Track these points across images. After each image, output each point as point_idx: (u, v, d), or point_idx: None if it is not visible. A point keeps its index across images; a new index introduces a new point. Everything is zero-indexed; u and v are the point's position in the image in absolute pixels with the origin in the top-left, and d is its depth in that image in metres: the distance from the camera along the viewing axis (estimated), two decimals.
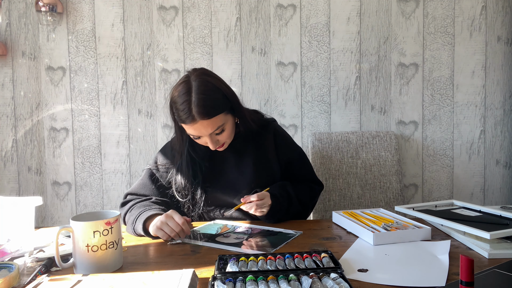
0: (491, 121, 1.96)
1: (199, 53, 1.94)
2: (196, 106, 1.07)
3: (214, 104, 1.10)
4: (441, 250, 0.88)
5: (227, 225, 1.14)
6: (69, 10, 1.93)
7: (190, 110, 1.07)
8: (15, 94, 1.96)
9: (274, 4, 1.92)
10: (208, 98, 1.09)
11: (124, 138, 1.98)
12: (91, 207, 2.00)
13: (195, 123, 1.09)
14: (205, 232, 1.09)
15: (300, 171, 1.33)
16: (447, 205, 1.23)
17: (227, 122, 1.14)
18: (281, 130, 1.35)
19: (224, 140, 1.17)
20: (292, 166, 1.32)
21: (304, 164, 1.34)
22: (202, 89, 1.09)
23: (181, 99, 1.09)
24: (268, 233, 1.06)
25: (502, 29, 1.92)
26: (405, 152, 1.97)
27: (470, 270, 0.56)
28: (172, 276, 0.72)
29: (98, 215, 0.86)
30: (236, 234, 1.06)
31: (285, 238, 1.00)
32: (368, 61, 1.94)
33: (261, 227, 1.11)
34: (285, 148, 1.31)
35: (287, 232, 1.06)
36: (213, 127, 1.10)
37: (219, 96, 1.12)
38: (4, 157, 1.98)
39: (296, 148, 1.35)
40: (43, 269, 0.80)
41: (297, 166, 1.33)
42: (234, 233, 1.06)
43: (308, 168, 1.35)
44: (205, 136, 1.12)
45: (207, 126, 1.09)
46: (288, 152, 1.31)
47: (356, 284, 0.73)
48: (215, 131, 1.12)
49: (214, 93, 1.11)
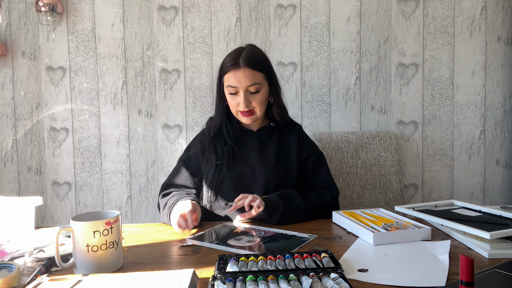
0: (491, 121, 1.96)
1: (199, 53, 1.94)
2: (244, 57, 1.24)
3: (260, 62, 1.26)
4: (441, 250, 0.88)
5: (240, 227, 1.12)
6: (69, 10, 1.93)
7: (238, 58, 1.23)
8: (15, 94, 1.96)
9: (274, 4, 1.92)
10: (257, 56, 1.27)
11: (124, 138, 1.98)
12: (91, 207, 2.00)
13: (239, 70, 1.23)
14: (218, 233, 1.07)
15: (316, 172, 1.34)
16: (447, 205, 1.23)
17: (263, 86, 1.27)
18: (305, 133, 1.43)
19: (255, 104, 1.26)
20: (309, 165, 1.34)
21: (321, 166, 1.35)
22: (253, 50, 1.28)
23: (231, 54, 1.27)
24: (281, 236, 1.04)
25: (502, 29, 1.92)
26: (405, 152, 1.97)
27: (470, 270, 0.56)
28: (172, 276, 0.72)
29: (98, 215, 0.86)
30: (249, 237, 1.03)
31: (298, 242, 0.97)
32: (368, 61, 1.94)
33: (275, 230, 1.08)
34: (307, 146, 1.37)
35: (301, 235, 1.03)
36: (251, 80, 1.23)
37: (265, 62, 1.29)
38: (4, 157, 1.98)
39: (317, 150, 1.39)
40: (43, 269, 0.80)
41: (313, 167, 1.34)
42: (246, 236, 1.04)
43: (325, 171, 1.35)
44: (242, 89, 1.23)
45: (247, 77, 1.22)
46: (308, 150, 1.36)
47: (356, 284, 0.73)
48: (252, 86, 1.23)
49: (262, 56, 1.29)
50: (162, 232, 1.11)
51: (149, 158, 1.98)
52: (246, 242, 0.98)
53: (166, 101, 1.96)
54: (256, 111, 1.28)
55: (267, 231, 1.08)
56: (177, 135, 1.97)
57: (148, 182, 1.98)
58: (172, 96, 1.96)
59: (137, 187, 1.99)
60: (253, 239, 1.01)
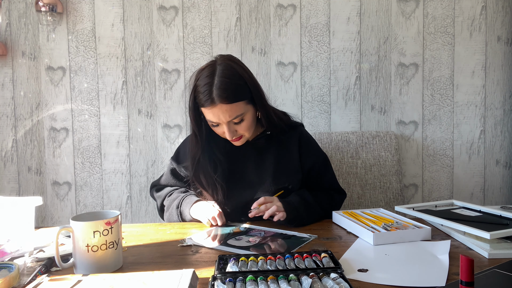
0: (491, 121, 1.96)
1: (199, 53, 1.94)
2: (217, 89, 1.07)
3: (236, 90, 1.09)
4: (441, 250, 0.88)
5: (240, 227, 1.11)
6: (69, 10, 1.93)
7: (211, 92, 1.07)
8: (15, 94, 1.96)
9: (274, 4, 1.92)
10: (230, 83, 1.09)
11: (124, 138, 1.98)
12: (91, 207, 2.00)
13: (214, 107, 1.08)
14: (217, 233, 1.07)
15: (322, 178, 1.30)
16: (447, 205, 1.23)
17: (247, 112, 1.13)
18: (307, 134, 1.33)
19: (242, 132, 1.15)
20: (314, 173, 1.28)
21: (326, 172, 1.31)
22: (226, 73, 1.09)
23: (203, 81, 1.10)
24: (281, 236, 1.03)
25: (502, 29, 1.92)
26: (405, 152, 1.97)
27: (470, 270, 0.56)
28: (172, 276, 0.72)
29: (98, 215, 0.86)
30: (248, 236, 1.03)
31: (299, 242, 0.97)
32: (368, 61, 1.94)
33: (275, 230, 1.08)
34: (309, 153, 1.27)
35: (301, 235, 1.03)
36: (231, 114, 1.10)
37: (242, 84, 1.11)
38: (4, 157, 1.98)
39: (321, 154, 1.32)
40: (43, 269, 0.80)
41: (319, 173, 1.29)
42: (246, 236, 1.04)
43: (330, 175, 1.32)
44: (223, 123, 1.11)
45: (225, 112, 1.09)
46: (311, 157, 1.27)
47: (356, 284, 0.73)
48: (234, 119, 1.11)
49: (237, 80, 1.11)
50: (162, 232, 1.11)
51: (149, 158, 1.98)
52: (246, 242, 0.98)
53: (166, 101, 1.96)
54: (245, 135, 1.18)
55: (267, 231, 1.07)
56: (177, 135, 1.97)
57: (148, 182, 1.98)
58: (172, 96, 1.96)
59: (137, 187, 1.99)
60: (253, 239, 1.00)
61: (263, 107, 1.18)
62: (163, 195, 1.28)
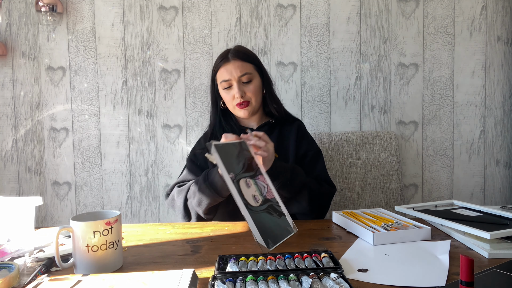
0: (491, 121, 1.96)
1: (199, 53, 1.94)
2: (232, 51, 1.30)
3: (248, 53, 1.32)
4: (441, 250, 0.88)
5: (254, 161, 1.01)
6: (69, 10, 1.93)
7: (227, 53, 1.29)
8: (15, 94, 1.96)
9: (274, 4, 1.92)
10: (244, 49, 1.33)
11: (124, 138, 1.98)
12: (91, 207, 2.00)
13: (228, 63, 1.27)
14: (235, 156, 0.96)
15: (313, 167, 1.34)
16: (447, 205, 1.23)
17: (255, 77, 1.30)
18: (305, 128, 1.43)
19: (250, 94, 1.28)
20: (307, 161, 1.33)
21: (318, 163, 1.35)
22: (239, 47, 1.34)
23: (220, 54, 1.32)
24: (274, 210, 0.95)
25: (502, 29, 1.92)
26: (405, 152, 1.97)
27: (470, 270, 0.56)
28: (172, 276, 0.72)
29: (98, 215, 0.86)
30: (256, 187, 0.94)
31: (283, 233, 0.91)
32: (368, 61, 1.94)
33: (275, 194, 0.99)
34: (304, 141, 1.37)
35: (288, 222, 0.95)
36: (242, 70, 1.27)
37: (253, 55, 1.34)
38: (4, 157, 1.98)
39: (315, 146, 1.39)
40: (43, 269, 0.80)
41: (311, 162, 1.34)
42: (255, 185, 0.95)
43: (322, 168, 1.36)
44: (234, 81, 1.26)
45: (237, 67, 1.26)
46: (305, 145, 1.36)
47: (356, 284, 0.73)
48: (243, 76, 1.27)
49: (248, 51, 1.34)
50: (162, 232, 1.11)
51: (149, 158, 1.98)
52: (251, 196, 0.90)
53: (166, 101, 1.96)
54: (252, 101, 1.30)
55: (269, 190, 0.99)
56: (177, 135, 1.97)
57: (148, 182, 1.98)
58: (172, 96, 1.96)
59: (137, 187, 1.99)
60: (257, 196, 0.93)
61: (268, 84, 1.35)
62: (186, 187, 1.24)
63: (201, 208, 1.20)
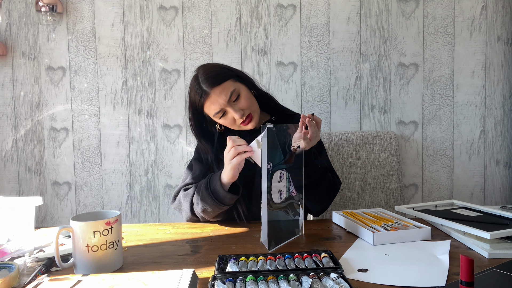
0: (491, 121, 1.96)
1: (199, 53, 1.94)
2: (204, 81, 1.19)
3: (218, 73, 1.21)
4: (441, 250, 0.88)
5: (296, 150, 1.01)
6: (69, 10, 1.93)
7: (201, 88, 1.19)
8: (15, 94, 1.96)
9: (274, 4, 1.92)
10: (211, 71, 1.21)
11: (124, 138, 1.98)
12: (91, 207, 2.00)
13: (210, 96, 1.18)
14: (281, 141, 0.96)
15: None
16: (447, 205, 1.23)
17: (240, 88, 1.22)
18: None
19: (245, 107, 1.21)
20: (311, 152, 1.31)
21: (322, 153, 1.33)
22: (204, 70, 1.23)
23: (192, 88, 1.23)
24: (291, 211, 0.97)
25: (502, 29, 1.92)
26: (405, 152, 1.97)
27: (470, 270, 0.56)
28: (172, 276, 0.72)
29: (98, 215, 0.87)
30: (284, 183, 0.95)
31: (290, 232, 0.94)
32: (368, 61, 1.94)
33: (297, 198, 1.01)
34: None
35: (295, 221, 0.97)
36: (226, 93, 1.18)
37: (221, 68, 1.24)
38: (4, 157, 1.98)
39: None
40: (43, 269, 0.80)
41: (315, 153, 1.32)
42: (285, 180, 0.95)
43: (326, 159, 1.35)
44: (225, 106, 1.19)
45: (221, 94, 1.17)
46: None
47: (356, 284, 0.73)
48: (231, 97, 1.18)
49: (215, 67, 1.24)
50: (162, 232, 1.11)
51: (149, 158, 1.98)
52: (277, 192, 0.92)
53: (166, 101, 1.96)
54: (253, 113, 1.23)
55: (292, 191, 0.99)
56: (177, 135, 1.97)
57: (148, 182, 1.98)
58: (172, 96, 1.96)
59: (137, 187, 1.99)
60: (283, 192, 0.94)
61: (251, 84, 1.28)
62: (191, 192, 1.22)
63: (207, 215, 1.17)
